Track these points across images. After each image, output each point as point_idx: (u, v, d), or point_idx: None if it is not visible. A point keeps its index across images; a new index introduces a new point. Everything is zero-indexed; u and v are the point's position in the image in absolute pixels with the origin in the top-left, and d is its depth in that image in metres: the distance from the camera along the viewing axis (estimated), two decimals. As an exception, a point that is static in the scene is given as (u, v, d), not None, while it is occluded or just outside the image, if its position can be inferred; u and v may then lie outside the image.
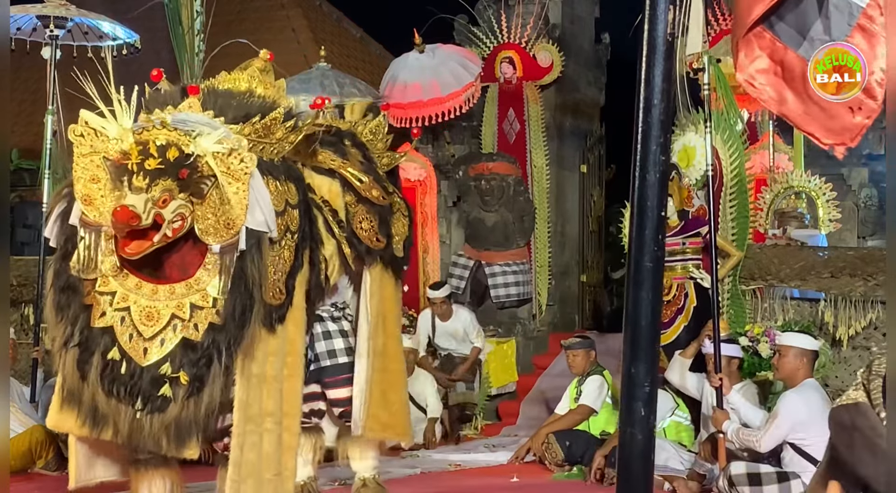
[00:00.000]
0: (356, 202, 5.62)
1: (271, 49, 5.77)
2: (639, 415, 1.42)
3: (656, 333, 1.46)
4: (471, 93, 11.42)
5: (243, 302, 4.52)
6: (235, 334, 4.52)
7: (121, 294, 4.52)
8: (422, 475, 7.66)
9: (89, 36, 8.82)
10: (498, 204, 11.46)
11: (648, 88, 1.45)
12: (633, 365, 1.43)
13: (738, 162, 8.80)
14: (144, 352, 4.46)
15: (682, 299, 8.43)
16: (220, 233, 4.47)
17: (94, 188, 4.51)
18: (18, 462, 7.29)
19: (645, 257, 1.45)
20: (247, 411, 4.68)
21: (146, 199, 4.29)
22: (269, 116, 4.92)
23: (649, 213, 1.45)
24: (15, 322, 8.97)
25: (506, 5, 12.30)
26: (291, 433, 5.02)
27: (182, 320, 4.47)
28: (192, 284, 4.52)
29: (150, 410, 4.44)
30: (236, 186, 4.45)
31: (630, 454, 1.41)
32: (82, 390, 4.53)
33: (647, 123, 1.46)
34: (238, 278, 4.51)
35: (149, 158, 4.33)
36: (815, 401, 6.50)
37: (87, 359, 4.51)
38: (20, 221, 14.40)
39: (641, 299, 1.44)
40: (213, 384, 4.49)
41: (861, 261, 8.07)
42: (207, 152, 4.42)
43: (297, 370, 5.08)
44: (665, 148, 1.46)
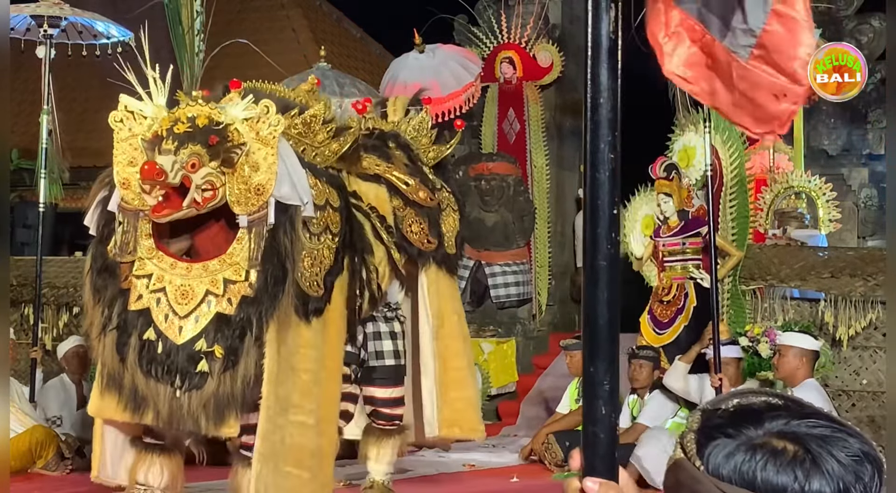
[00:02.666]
0: (404, 206, 5.66)
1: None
2: (600, 414, 1.42)
3: (614, 331, 1.46)
4: (471, 93, 11.43)
5: (275, 274, 4.53)
6: (268, 305, 4.52)
7: (157, 275, 4.56)
8: (422, 475, 7.66)
9: (84, 35, 8.83)
10: (498, 204, 11.46)
11: (594, 87, 1.45)
12: (592, 364, 1.42)
13: (738, 162, 8.80)
14: (179, 330, 4.48)
15: (682, 299, 8.42)
16: (250, 201, 4.49)
17: (132, 171, 4.53)
18: (18, 462, 7.29)
19: (599, 256, 1.44)
20: (276, 387, 4.65)
21: (174, 160, 4.34)
22: (309, 112, 4.99)
23: (601, 212, 1.45)
24: (15, 322, 8.99)
25: (506, 5, 12.30)
26: (329, 439, 5.04)
27: (216, 295, 4.50)
28: (224, 259, 4.54)
29: (188, 387, 4.46)
30: (265, 151, 4.49)
31: (594, 454, 1.40)
32: (122, 374, 4.55)
33: (595, 122, 1.46)
34: (270, 249, 4.52)
35: (178, 123, 4.41)
36: (815, 401, 6.37)
37: (125, 341, 4.54)
38: (20, 221, 14.42)
39: (598, 298, 1.44)
40: (248, 356, 4.49)
41: (861, 261, 8.07)
42: (236, 119, 4.48)
43: (336, 375, 5.11)
44: (613, 146, 1.46)
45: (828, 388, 7.51)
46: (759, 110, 1.65)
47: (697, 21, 1.64)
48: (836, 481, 1.23)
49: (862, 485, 1.24)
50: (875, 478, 1.25)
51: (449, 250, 5.93)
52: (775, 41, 1.64)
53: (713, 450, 1.27)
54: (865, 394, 7.90)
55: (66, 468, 7.55)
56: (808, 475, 1.23)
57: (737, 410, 1.31)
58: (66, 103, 9.84)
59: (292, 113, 4.93)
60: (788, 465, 1.23)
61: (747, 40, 1.63)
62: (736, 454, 1.25)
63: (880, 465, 1.26)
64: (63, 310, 9.31)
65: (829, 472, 1.23)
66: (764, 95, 1.65)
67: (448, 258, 5.92)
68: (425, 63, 11.32)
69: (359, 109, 5.69)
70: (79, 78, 14.14)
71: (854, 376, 7.95)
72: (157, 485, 4.88)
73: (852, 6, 12.43)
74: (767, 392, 1.35)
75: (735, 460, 1.25)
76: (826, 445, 1.25)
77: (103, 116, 4.74)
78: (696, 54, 1.64)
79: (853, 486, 1.23)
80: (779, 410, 1.30)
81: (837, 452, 1.25)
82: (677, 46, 1.62)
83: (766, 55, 1.64)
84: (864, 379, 7.92)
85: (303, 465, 4.83)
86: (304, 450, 4.83)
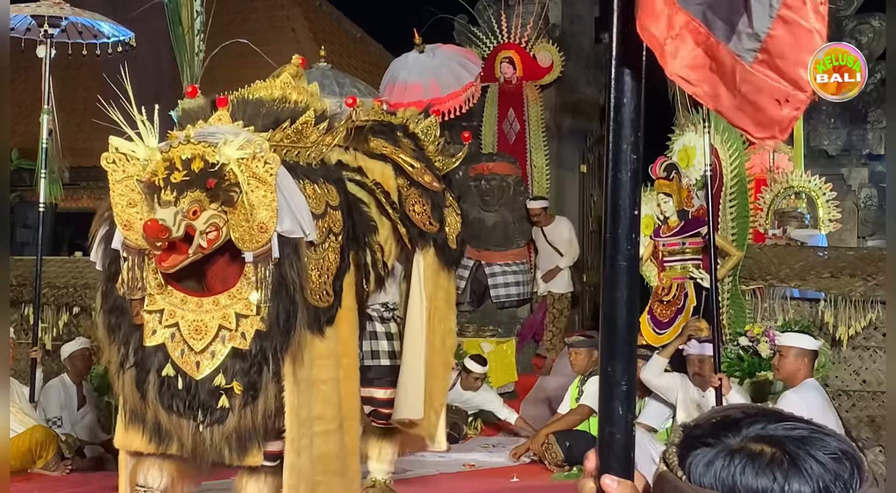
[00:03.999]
0: (409, 186, 5.68)
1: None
2: (617, 414, 1.42)
3: (633, 332, 1.46)
4: (471, 93, 11.43)
5: (286, 308, 4.52)
6: (281, 339, 4.52)
7: (168, 311, 4.56)
8: (421, 476, 7.66)
9: (84, 34, 8.82)
10: (498, 204, 11.46)
11: (618, 87, 1.45)
12: (609, 364, 1.42)
13: (738, 162, 8.80)
14: (197, 365, 4.49)
15: (682, 299, 8.42)
16: (254, 238, 4.46)
17: (133, 212, 4.52)
18: (18, 462, 7.29)
19: (619, 256, 1.45)
20: (298, 415, 4.68)
21: (175, 212, 4.29)
22: (300, 120, 4.94)
23: (622, 212, 1.45)
24: (15, 322, 8.98)
25: (506, 5, 12.31)
26: (352, 436, 5.06)
27: (229, 330, 4.49)
28: (234, 294, 4.53)
29: (210, 422, 4.49)
30: (263, 189, 4.44)
31: (610, 455, 1.40)
32: (144, 410, 4.58)
33: (618, 122, 1.46)
34: (279, 284, 4.51)
35: (174, 171, 4.35)
36: (815, 401, 6.49)
37: (144, 378, 4.55)
38: (20, 221, 14.42)
39: (617, 298, 1.44)
40: (267, 391, 4.51)
41: (861, 261, 8.07)
42: (231, 159, 4.42)
43: (353, 372, 5.12)
44: (636, 147, 1.46)
45: (828, 388, 7.51)
46: (760, 115, 1.66)
47: (702, 23, 1.64)
48: (816, 480, 1.23)
49: (842, 483, 1.24)
50: (855, 476, 1.25)
51: (450, 242, 5.92)
52: (780, 46, 1.64)
53: (693, 459, 1.28)
54: (865, 394, 7.91)
55: (66, 469, 7.55)
56: (787, 476, 1.23)
57: (716, 421, 1.32)
58: (67, 103, 9.84)
59: (284, 126, 4.88)
60: (767, 467, 1.24)
61: (752, 44, 1.64)
62: (715, 461, 1.26)
63: (859, 463, 1.27)
64: (63, 310, 9.29)
65: (808, 472, 1.24)
66: (766, 100, 1.65)
67: (448, 248, 5.90)
68: (425, 63, 11.32)
69: (348, 102, 5.66)
70: (79, 78, 14.15)
71: (854, 376, 7.95)
72: (157, 486, 4.88)
73: (852, 6, 12.46)
74: (746, 405, 1.37)
75: (715, 467, 1.26)
76: (804, 445, 1.26)
77: (103, 117, 4.71)
78: (700, 57, 1.65)
79: (833, 484, 1.24)
80: (756, 417, 1.31)
81: (816, 452, 1.25)
82: (681, 48, 1.63)
83: (770, 60, 1.64)
84: (864, 379, 7.92)
85: (330, 470, 4.89)
86: (331, 456, 4.89)
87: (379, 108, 6.00)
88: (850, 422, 7.46)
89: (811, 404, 6.39)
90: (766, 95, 1.63)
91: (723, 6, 1.63)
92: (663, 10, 1.60)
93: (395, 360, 5.79)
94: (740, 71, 1.63)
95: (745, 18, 1.62)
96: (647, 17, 1.57)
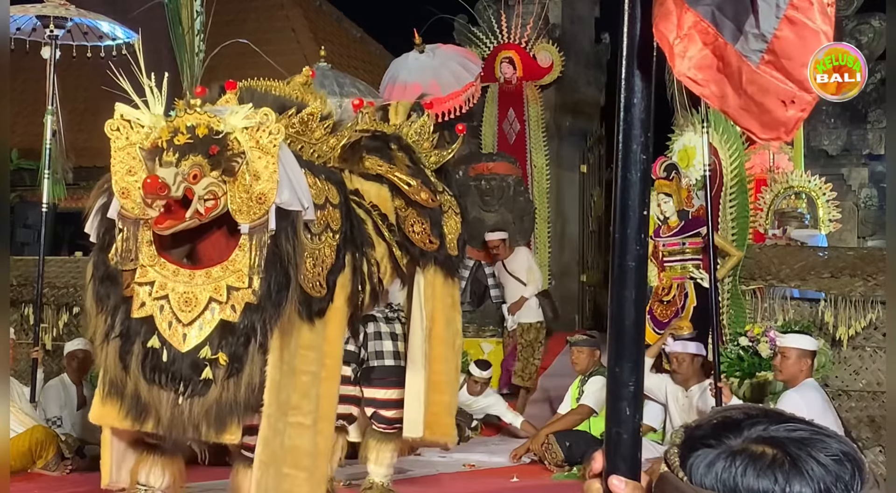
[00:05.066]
0: (406, 206, 5.66)
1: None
2: (624, 414, 1.42)
3: (640, 332, 1.46)
4: (471, 93, 11.43)
5: (279, 280, 4.51)
6: (272, 312, 4.50)
7: (159, 283, 4.53)
8: (421, 476, 7.66)
9: (89, 36, 8.83)
10: (498, 204, 11.45)
11: (628, 88, 1.45)
12: (617, 364, 1.42)
13: (738, 162, 8.80)
14: (184, 338, 4.46)
15: (682, 299, 8.43)
16: (252, 210, 4.46)
17: (131, 180, 4.52)
18: (18, 462, 7.29)
19: (628, 257, 1.45)
20: (278, 394, 4.65)
21: (176, 173, 4.30)
22: (306, 111, 4.98)
23: (631, 212, 1.45)
24: (15, 322, 8.97)
25: (506, 5, 12.31)
26: (325, 437, 5.02)
27: (220, 302, 4.48)
28: (227, 266, 4.52)
29: (191, 393, 4.44)
30: (266, 159, 4.45)
31: (616, 455, 1.40)
32: (125, 381, 4.54)
33: (628, 123, 1.46)
34: (272, 256, 4.50)
35: (178, 134, 4.37)
36: (815, 401, 6.50)
37: (128, 349, 4.52)
38: (20, 221, 14.40)
39: (625, 298, 1.44)
40: (252, 364, 4.47)
41: (861, 261, 8.08)
42: (236, 128, 4.45)
43: (335, 373, 5.09)
44: (646, 147, 1.46)
45: (828, 388, 7.52)
46: (766, 116, 1.66)
47: (711, 24, 1.64)
48: (817, 482, 1.23)
49: (843, 484, 1.24)
50: (856, 477, 1.25)
51: (451, 251, 5.92)
52: (786, 47, 1.64)
53: (695, 461, 1.28)
54: (865, 394, 7.91)
55: (65, 469, 7.54)
56: (788, 478, 1.23)
57: (717, 422, 1.32)
58: (69, 103, 9.84)
59: (289, 113, 4.91)
60: (768, 468, 1.24)
61: (758, 45, 1.64)
62: (717, 462, 1.26)
63: (860, 464, 1.26)
64: (63, 310, 9.29)
65: (810, 473, 1.23)
66: (772, 101, 1.65)
67: (449, 260, 5.91)
68: (425, 63, 11.32)
69: (355, 103, 5.67)
70: (80, 78, 14.14)
71: (854, 376, 7.95)
72: (159, 486, 4.87)
73: (852, 6, 12.46)
74: (747, 406, 1.37)
75: (716, 468, 1.26)
76: (805, 447, 1.26)
77: (105, 117, 4.71)
78: (707, 57, 1.65)
79: (834, 486, 1.23)
80: (757, 418, 1.31)
81: (817, 453, 1.25)
82: (689, 48, 1.63)
83: (776, 61, 1.64)
84: (864, 379, 7.93)
85: (300, 465, 4.83)
86: (301, 451, 4.83)
87: (372, 114, 5.99)
88: (850, 422, 7.46)
89: (812, 404, 6.39)
90: (772, 96, 1.63)
91: (731, 6, 1.63)
92: (672, 10, 1.60)
93: (398, 360, 5.79)
94: (746, 71, 1.63)
95: (751, 19, 1.62)
96: (660, 18, 1.57)
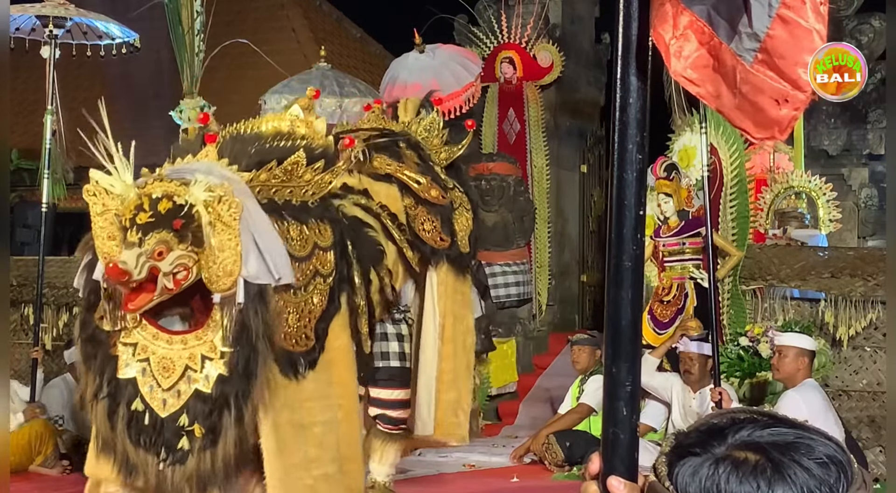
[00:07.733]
0: (416, 205, 5.65)
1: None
2: (621, 415, 1.42)
3: (637, 332, 1.46)
4: (471, 93, 11.42)
5: (246, 355, 4.47)
6: (242, 386, 4.48)
7: (141, 345, 4.55)
8: (422, 476, 7.67)
9: (88, 35, 8.83)
10: (498, 204, 11.45)
11: (624, 87, 1.45)
12: (614, 365, 1.42)
13: (739, 162, 8.80)
14: (164, 403, 4.48)
15: (682, 299, 8.43)
16: (221, 281, 4.43)
17: (113, 246, 4.49)
18: (18, 457, 7.30)
19: (624, 257, 1.45)
20: (285, 459, 4.66)
21: (138, 253, 4.27)
22: (288, 161, 4.86)
23: (627, 212, 1.45)
24: (15, 322, 8.98)
25: (506, 5, 12.30)
26: (354, 478, 5.02)
27: (194, 370, 4.48)
28: (200, 335, 4.52)
29: (172, 461, 4.47)
30: (228, 233, 4.40)
31: (614, 455, 1.40)
32: (114, 441, 4.57)
33: (623, 122, 1.46)
34: (241, 329, 4.46)
35: (140, 212, 4.33)
36: (815, 401, 6.50)
37: (114, 410, 4.55)
38: (20, 221, 14.39)
39: (622, 298, 1.44)
40: (226, 436, 4.47)
41: (861, 261, 8.07)
42: (199, 200, 4.38)
43: (352, 413, 5.07)
44: (642, 147, 1.46)
45: (828, 388, 7.51)
46: (760, 115, 1.66)
47: (706, 23, 1.65)
48: (800, 486, 1.23)
49: (827, 487, 1.24)
50: (841, 480, 1.25)
51: (462, 248, 5.90)
52: (778, 46, 1.65)
53: (681, 469, 1.28)
54: (865, 394, 7.91)
55: (65, 469, 7.56)
56: (770, 484, 1.23)
57: (704, 429, 1.32)
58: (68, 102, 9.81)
59: (269, 166, 4.80)
60: (750, 474, 1.24)
61: (751, 44, 1.64)
62: (700, 470, 1.26)
63: (845, 467, 1.26)
64: (63, 310, 9.29)
65: (792, 478, 1.23)
66: (766, 100, 1.65)
67: (461, 257, 5.89)
68: (425, 63, 11.31)
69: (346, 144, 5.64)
70: (79, 77, 14.15)
71: (854, 376, 7.95)
72: None
73: (852, 6, 12.45)
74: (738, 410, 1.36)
75: (700, 476, 1.26)
76: (789, 451, 1.25)
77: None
78: (703, 56, 1.65)
79: (818, 490, 1.23)
80: (743, 423, 1.30)
81: (800, 457, 1.25)
82: (685, 48, 1.63)
83: (769, 60, 1.64)
84: (864, 379, 7.93)
85: None
86: None
87: (379, 112, 5.97)
88: (850, 422, 7.46)
89: (812, 404, 6.39)
90: (766, 96, 1.64)
91: (725, 6, 1.64)
92: (668, 10, 1.60)
93: (404, 362, 5.77)
94: (741, 71, 1.63)
95: (745, 18, 1.63)
96: (659, 19, 1.57)
